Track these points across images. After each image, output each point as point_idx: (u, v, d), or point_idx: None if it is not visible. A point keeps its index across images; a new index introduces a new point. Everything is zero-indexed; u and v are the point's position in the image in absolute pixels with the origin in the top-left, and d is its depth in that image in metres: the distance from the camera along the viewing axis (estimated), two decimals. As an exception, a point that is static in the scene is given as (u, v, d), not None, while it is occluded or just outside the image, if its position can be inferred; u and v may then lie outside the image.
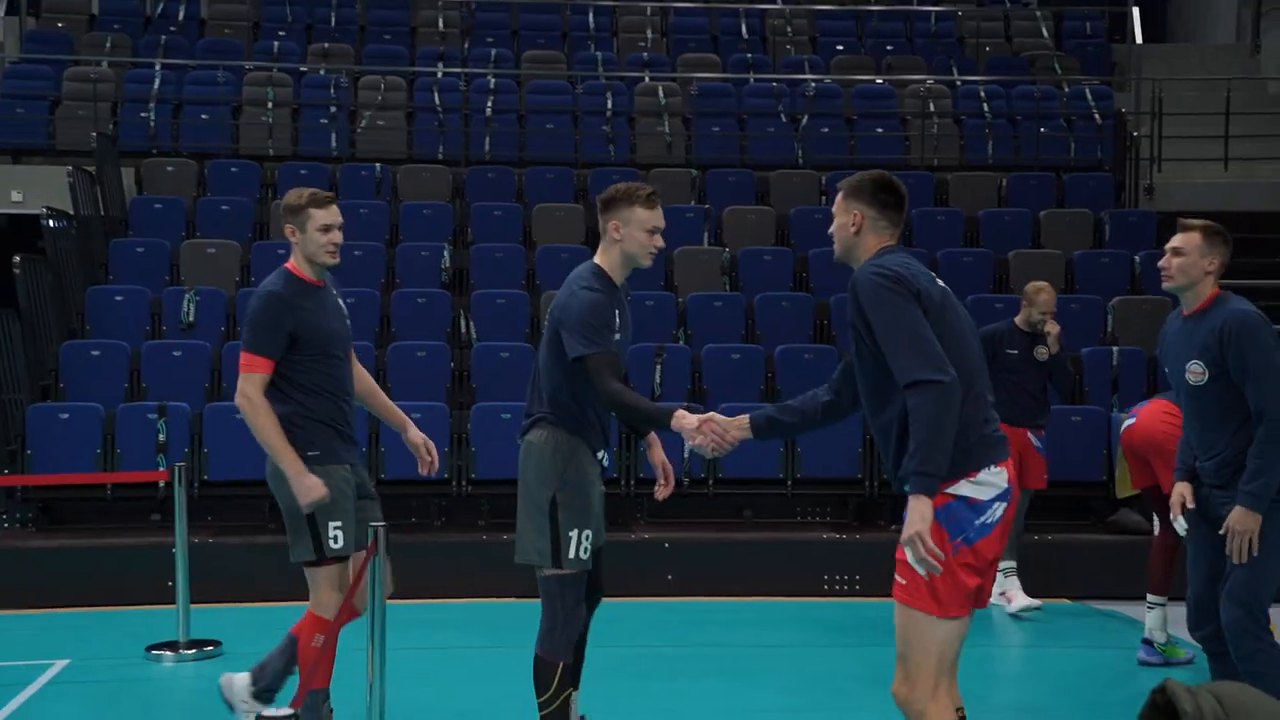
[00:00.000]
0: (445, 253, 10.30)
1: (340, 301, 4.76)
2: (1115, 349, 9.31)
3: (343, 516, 4.52)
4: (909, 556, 3.39)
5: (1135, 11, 13.91)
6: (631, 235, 4.33)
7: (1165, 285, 4.46)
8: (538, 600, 4.23)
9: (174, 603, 6.44)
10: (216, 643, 6.45)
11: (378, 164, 11.44)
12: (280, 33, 13.32)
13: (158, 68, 12.21)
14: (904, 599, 3.46)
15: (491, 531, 8.25)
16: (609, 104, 12.51)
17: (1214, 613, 4.44)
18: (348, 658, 4.79)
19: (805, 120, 12.41)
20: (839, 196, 3.69)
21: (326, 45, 13.09)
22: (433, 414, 8.43)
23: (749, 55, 13.55)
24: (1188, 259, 4.38)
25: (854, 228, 3.63)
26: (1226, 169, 12.14)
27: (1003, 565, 7.04)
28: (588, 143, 12.21)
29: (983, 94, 12.75)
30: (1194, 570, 4.57)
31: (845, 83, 12.90)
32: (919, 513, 3.33)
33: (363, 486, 4.71)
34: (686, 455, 7.73)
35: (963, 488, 3.40)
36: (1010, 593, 7.34)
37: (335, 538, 4.49)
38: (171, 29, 13.24)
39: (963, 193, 11.58)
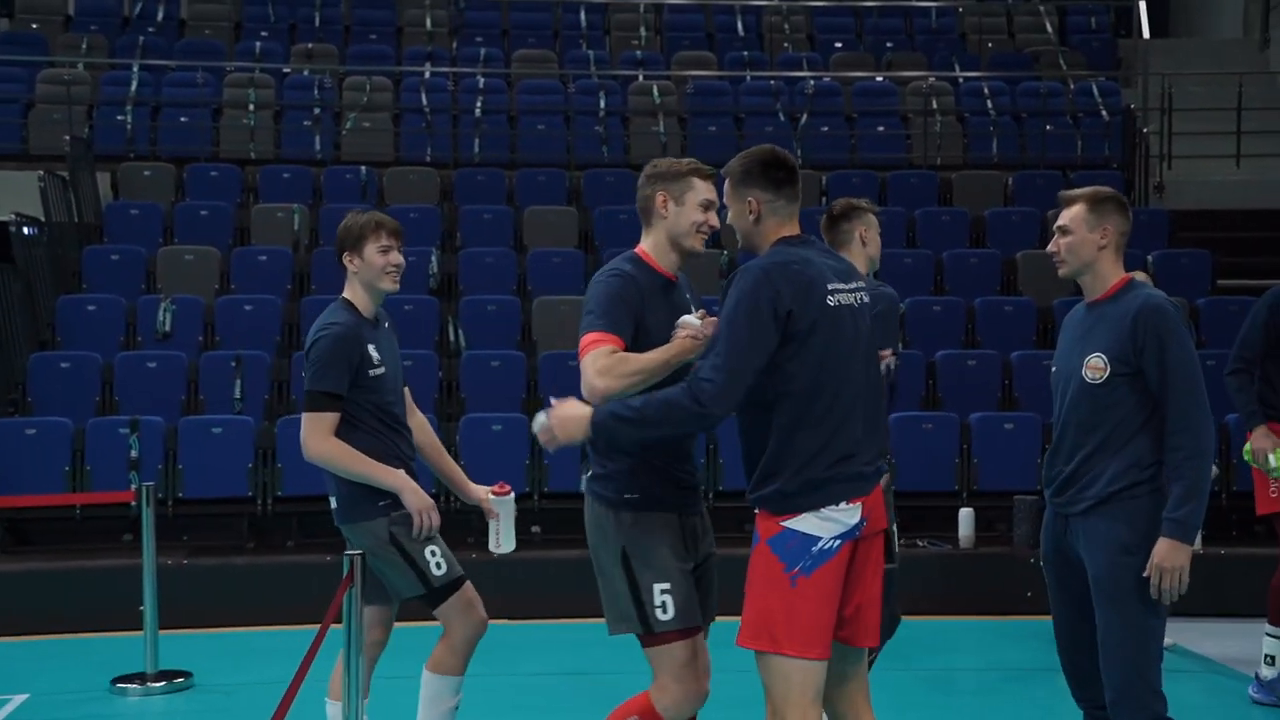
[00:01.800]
0: (433, 258, 9.93)
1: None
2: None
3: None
4: None
5: (1142, 5, 13.56)
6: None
7: (1061, 273, 3.76)
8: (535, 623, 3.91)
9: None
10: (187, 674, 6.05)
11: (363, 167, 11.07)
12: (262, 33, 12.96)
13: (135, 69, 11.83)
14: (745, 644, 3.26)
15: (482, 550, 7.84)
16: (602, 103, 12.15)
17: (1094, 676, 3.65)
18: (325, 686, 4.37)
19: (804, 119, 12.04)
20: (727, 184, 3.38)
21: (310, 46, 12.73)
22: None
23: (745, 53, 13.21)
24: (1075, 236, 3.69)
25: (752, 215, 3.34)
26: (1239, 166, 11.79)
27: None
28: (580, 143, 11.84)
29: (986, 91, 12.39)
30: (1059, 625, 3.76)
31: (844, 80, 12.55)
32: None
33: None
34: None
35: (804, 522, 3.18)
36: None
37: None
38: (150, 30, 12.88)
39: (967, 192, 11.22)
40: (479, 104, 11.95)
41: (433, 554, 4.24)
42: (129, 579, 6.95)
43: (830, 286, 3.25)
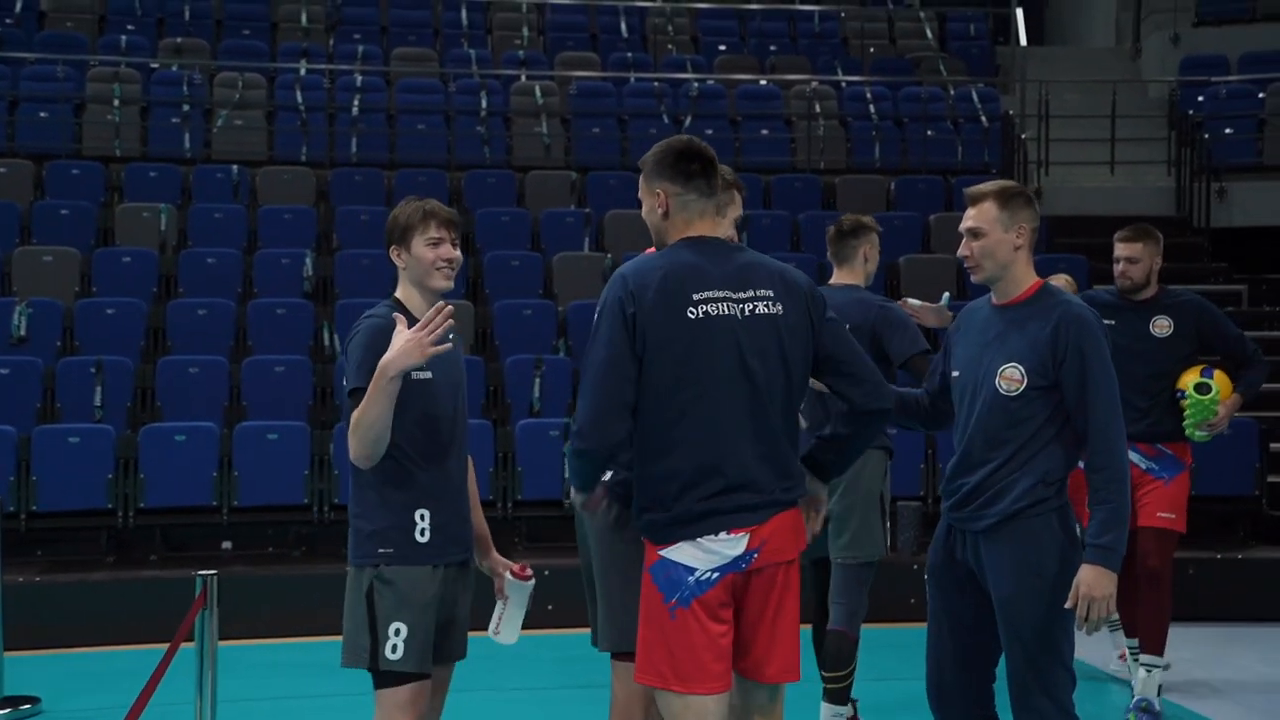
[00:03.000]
0: (307, 260, 9.61)
1: None
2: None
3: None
4: None
5: (1019, 13, 13.78)
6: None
7: (976, 279, 3.47)
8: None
9: (-8, 652, 5.67)
10: (34, 699, 5.69)
11: (235, 165, 10.70)
12: (128, 26, 12.48)
13: (-9, 62, 11.29)
14: (637, 679, 3.07)
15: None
16: (484, 104, 11.93)
17: (961, 698, 3.50)
18: (176, 710, 4.09)
19: (688, 121, 11.95)
20: (641, 177, 3.15)
21: (179, 40, 12.29)
22: (292, 434, 7.77)
23: (629, 54, 13.09)
24: (990, 238, 3.41)
25: (660, 209, 3.10)
26: (1113, 173, 12.01)
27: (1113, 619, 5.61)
28: (461, 144, 11.60)
29: (869, 95, 12.45)
30: (934, 641, 3.53)
31: (728, 83, 12.51)
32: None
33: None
34: (566, 477, 7.17)
35: (680, 551, 2.95)
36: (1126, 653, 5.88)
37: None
38: (8, 21, 12.30)
39: (850, 196, 11.24)
40: (356, 102, 11.64)
41: (397, 632, 3.34)
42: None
43: (699, 296, 2.96)
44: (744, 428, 2.96)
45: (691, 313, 2.95)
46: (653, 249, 3.28)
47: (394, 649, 3.26)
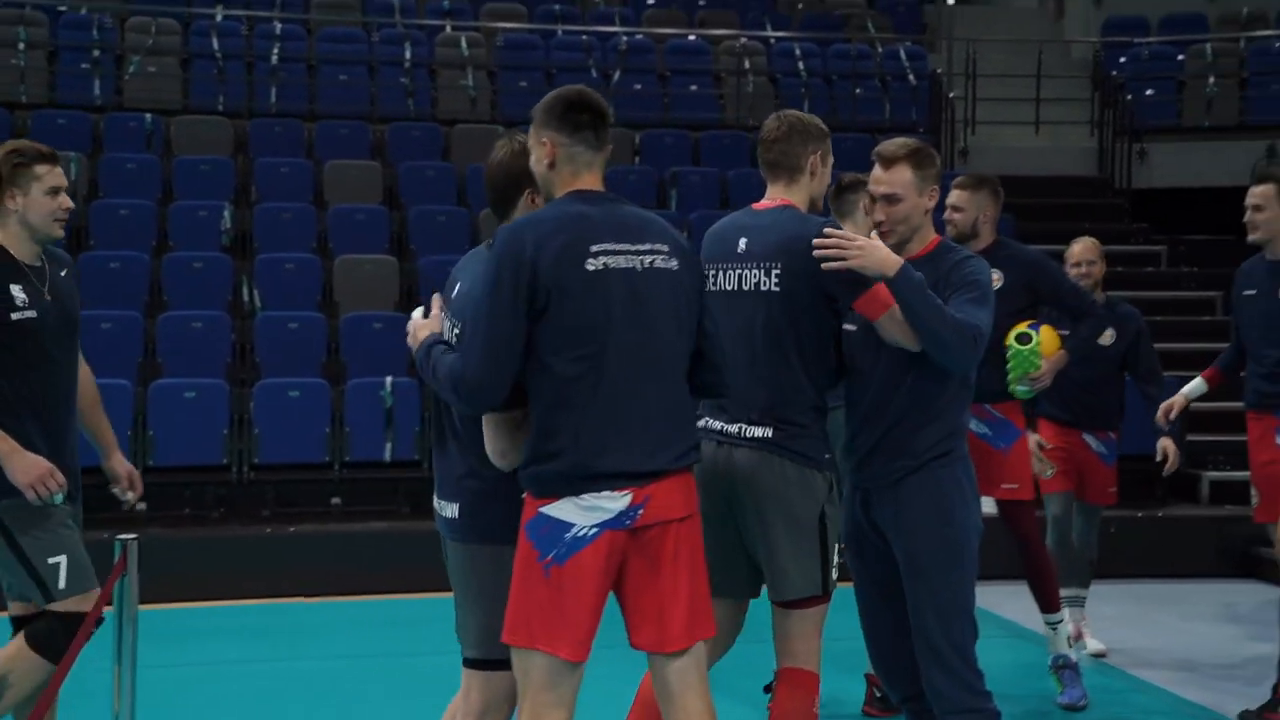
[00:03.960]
0: (225, 213, 9.35)
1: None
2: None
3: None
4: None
5: (947, -29, 13.79)
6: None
7: (889, 243, 3.34)
8: (333, 600, 3.55)
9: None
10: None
11: (148, 114, 10.35)
12: (35, -33, 11.99)
13: (-113, 2, 10.81)
14: (505, 639, 2.92)
15: (277, 523, 7.44)
16: (407, 54, 11.67)
17: (902, 665, 3.44)
18: (95, 677, 3.95)
19: (617, 76, 11.81)
20: (531, 126, 3.01)
21: (89, -18, 11.85)
22: (210, 392, 7.58)
23: (556, 6, 12.88)
24: (906, 203, 3.34)
25: (547, 160, 2.96)
26: (1038, 133, 12.07)
27: (1067, 594, 5.52)
28: (385, 95, 11.35)
29: (798, 52, 12.37)
30: (864, 612, 3.51)
31: (657, 37, 12.36)
32: None
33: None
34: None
35: (560, 508, 2.84)
36: (1084, 628, 5.82)
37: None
38: (-94, -41, 11.77)
39: (779, 153, 11.16)
40: (275, 51, 11.31)
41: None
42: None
43: (597, 248, 2.86)
44: (639, 384, 2.88)
45: (590, 264, 2.86)
46: None
47: None
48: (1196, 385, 5.17)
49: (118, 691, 3.58)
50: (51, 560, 3.52)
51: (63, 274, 3.75)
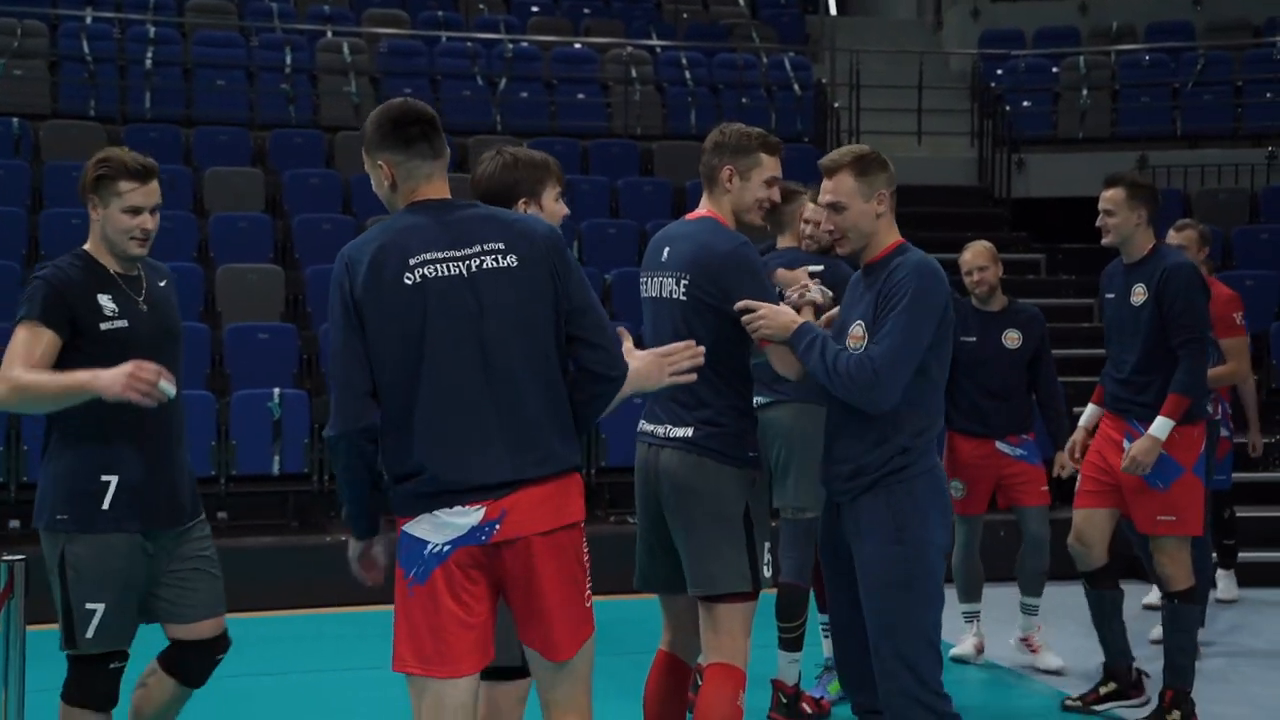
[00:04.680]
0: (100, 221, 9.00)
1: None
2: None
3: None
4: None
5: (829, -17, 13.99)
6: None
7: (841, 251, 3.46)
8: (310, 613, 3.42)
9: None
10: None
11: (15, 119, 9.97)
12: (-110, -35, 11.47)
13: None
14: (394, 667, 2.90)
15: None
16: (288, 60, 11.42)
17: (863, 677, 3.40)
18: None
19: (503, 84, 11.72)
20: (363, 152, 2.97)
21: (-51, -18, 11.37)
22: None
23: (440, 13, 12.75)
24: (852, 211, 3.34)
25: (388, 182, 2.91)
26: (920, 143, 12.30)
27: (965, 609, 5.71)
28: (265, 102, 11.09)
29: (684, 61, 12.43)
30: (837, 621, 3.50)
31: (543, 45, 12.30)
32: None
33: None
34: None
35: (419, 525, 2.80)
36: (1032, 638, 5.75)
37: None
38: None
39: (668, 162, 11.20)
40: (150, 55, 10.99)
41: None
42: None
43: (415, 260, 2.78)
44: (479, 396, 2.80)
45: (408, 278, 2.79)
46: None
47: None
48: (1091, 413, 5.13)
49: (4, 715, 3.40)
50: (89, 606, 3.40)
51: (161, 284, 3.63)
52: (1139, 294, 4.72)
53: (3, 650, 3.37)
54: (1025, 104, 12.50)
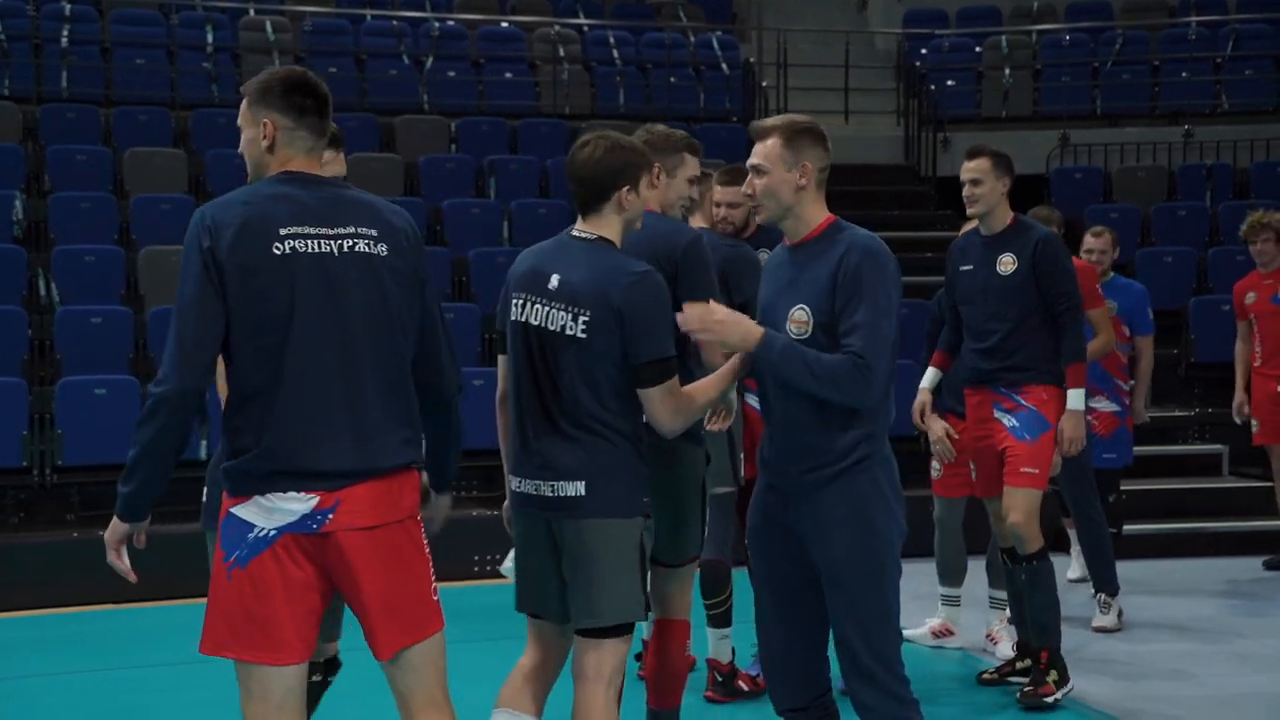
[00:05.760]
0: (17, 202, 8.85)
1: None
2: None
3: None
4: None
5: (754, -39, 14.01)
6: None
7: (759, 218, 3.33)
8: (144, 606, 3.39)
9: None
10: None
11: (-76, 98, 9.72)
12: None
13: None
14: (202, 649, 2.84)
15: (84, 527, 7.07)
16: (209, 39, 11.24)
17: (795, 677, 3.27)
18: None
19: (430, 62, 11.63)
20: (244, 104, 2.89)
21: None
22: (7, 391, 7.16)
23: (365, -10, 12.60)
24: (772, 177, 3.20)
25: (266, 141, 2.84)
26: (847, 122, 12.38)
27: (945, 593, 5.67)
28: (187, 81, 10.90)
29: (612, 40, 12.40)
30: (761, 613, 3.31)
31: (469, 23, 12.21)
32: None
33: None
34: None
35: (247, 508, 2.74)
36: (995, 631, 5.63)
37: None
38: None
39: (596, 141, 11.16)
40: (65, 33, 10.75)
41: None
42: None
43: (286, 231, 2.71)
44: (328, 380, 2.73)
45: (277, 248, 2.71)
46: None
47: None
48: (931, 376, 5.11)
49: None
50: None
51: None
52: (1008, 263, 4.76)
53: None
54: (949, 83, 12.63)
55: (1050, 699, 4.80)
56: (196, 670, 5.37)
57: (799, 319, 3.15)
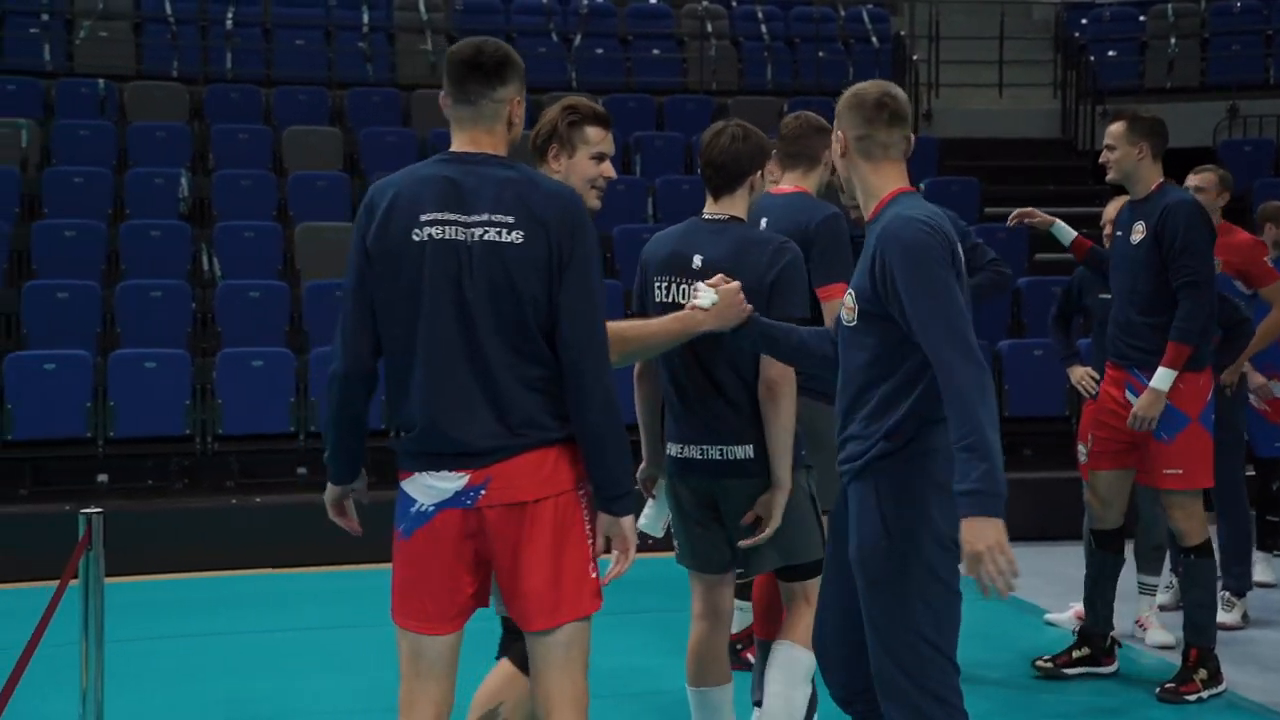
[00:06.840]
0: (183, 180, 9.19)
1: None
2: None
3: None
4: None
5: (909, -67, 13.71)
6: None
7: (844, 199, 3.41)
8: (300, 571, 3.51)
9: None
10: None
11: (101, 80, 10.16)
12: (-20, -70, 11.70)
13: None
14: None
15: (242, 494, 7.34)
16: (365, 18, 11.50)
17: (843, 660, 3.03)
18: (62, 651, 3.86)
19: (578, 39, 11.69)
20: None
21: (36, -55, 11.59)
22: (171, 362, 7.45)
23: (517, -31, 12.73)
24: (833, 150, 3.00)
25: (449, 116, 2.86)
26: (1001, 95, 12.07)
27: (1142, 579, 5.34)
28: (343, 60, 11.18)
29: (760, 15, 12.30)
30: (821, 593, 3.12)
31: (618, 1, 12.24)
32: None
33: None
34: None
35: (413, 483, 2.80)
36: (1145, 618, 5.33)
37: None
38: None
39: (743, 117, 10.61)
40: (230, 14, 11.12)
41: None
42: None
43: (428, 216, 2.71)
44: (461, 364, 2.74)
45: (416, 235, 2.72)
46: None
47: None
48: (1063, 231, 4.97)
49: (85, 665, 3.51)
50: None
51: None
52: (1138, 232, 4.49)
53: (82, 602, 3.46)
54: (1110, 53, 12.20)
55: (1193, 697, 4.56)
56: (347, 635, 5.57)
57: (848, 305, 2.91)
